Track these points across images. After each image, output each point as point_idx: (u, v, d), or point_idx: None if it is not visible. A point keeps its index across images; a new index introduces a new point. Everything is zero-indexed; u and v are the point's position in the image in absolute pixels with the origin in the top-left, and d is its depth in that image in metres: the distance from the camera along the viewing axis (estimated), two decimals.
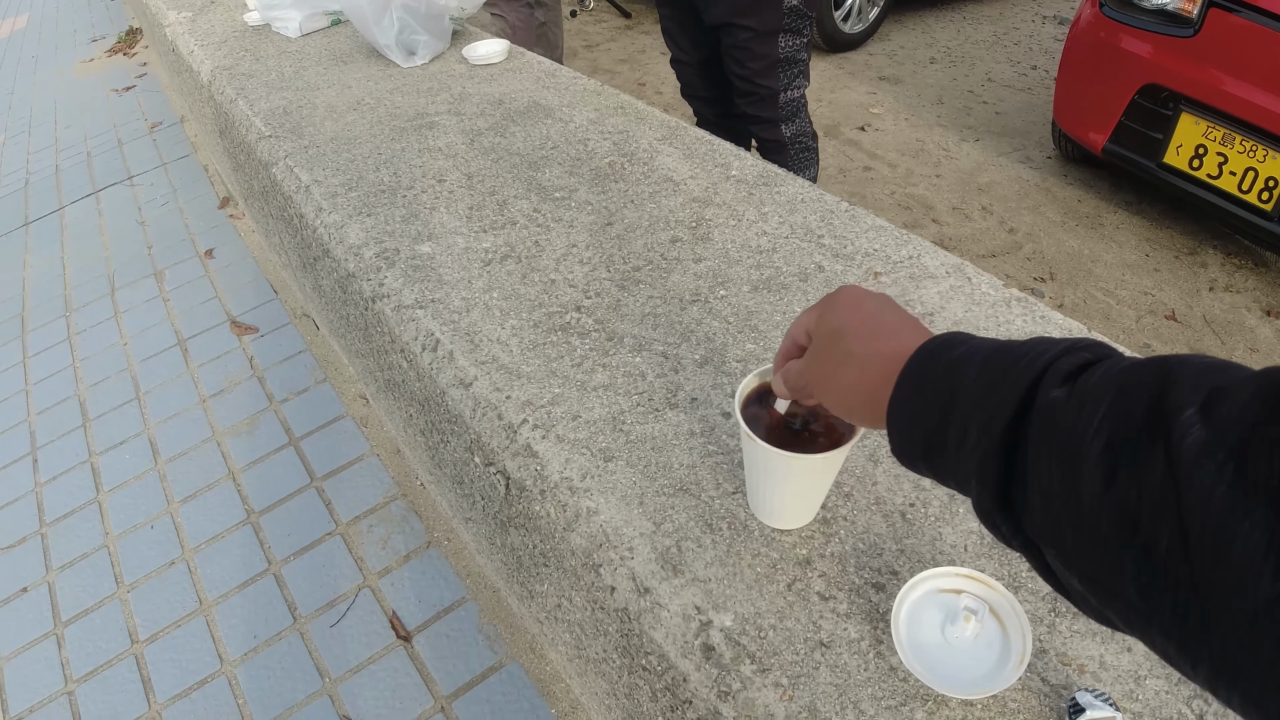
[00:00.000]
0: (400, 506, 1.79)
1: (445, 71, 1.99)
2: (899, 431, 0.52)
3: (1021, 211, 3.11)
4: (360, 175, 1.56)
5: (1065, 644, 0.79)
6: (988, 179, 3.32)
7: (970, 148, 3.55)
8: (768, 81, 2.13)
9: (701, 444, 0.95)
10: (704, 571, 0.83)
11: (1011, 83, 4.15)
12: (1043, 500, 0.41)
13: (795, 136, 2.24)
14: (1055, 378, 0.43)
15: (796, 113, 2.22)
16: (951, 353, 0.50)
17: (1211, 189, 2.69)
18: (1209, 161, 2.67)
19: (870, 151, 3.52)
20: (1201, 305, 2.69)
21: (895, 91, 4.08)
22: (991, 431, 0.44)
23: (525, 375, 1.05)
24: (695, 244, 1.26)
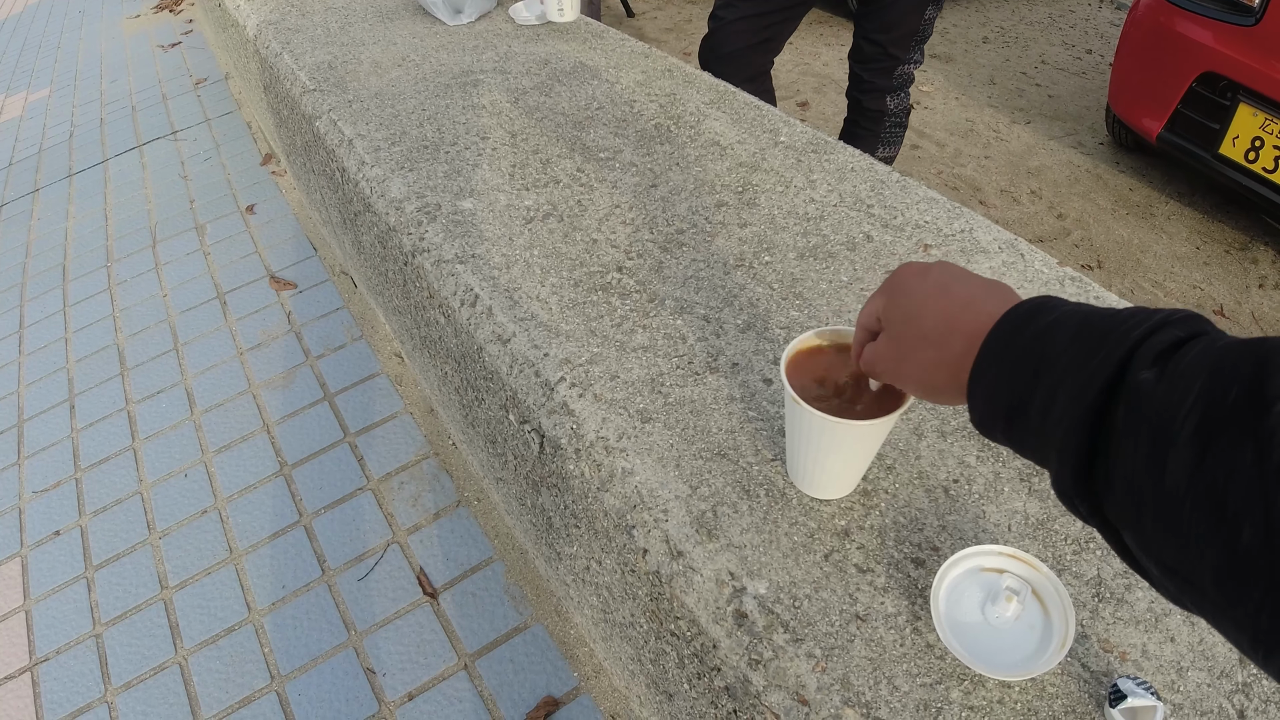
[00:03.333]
0: (432, 465, 1.79)
1: (491, 30, 1.97)
2: (982, 398, 0.51)
3: (1071, 197, 3.04)
4: (404, 130, 1.55)
5: (1108, 630, 0.77)
6: (1038, 163, 3.25)
7: (1021, 130, 3.47)
8: (898, 51, 2.12)
9: (741, 409, 0.93)
10: (739, 538, 0.81)
11: (1066, 66, 4.05)
12: (1125, 483, 0.40)
13: (896, 109, 2.24)
14: (1147, 355, 0.41)
15: (904, 86, 2.22)
16: (1040, 319, 0.48)
17: (1267, 183, 2.61)
18: (1265, 155, 2.59)
19: (918, 130, 3.45)
20: (1250, 302, 2.62)
21: (946, 70, 3.99)
22: (1078, 405, 0.43)
23: (564, 333, 1.04)
24: (741, 209, 1.24)
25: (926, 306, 0.57)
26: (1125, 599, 0.79)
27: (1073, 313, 0.47)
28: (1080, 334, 0.45)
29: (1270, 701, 0.72)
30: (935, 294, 0.57)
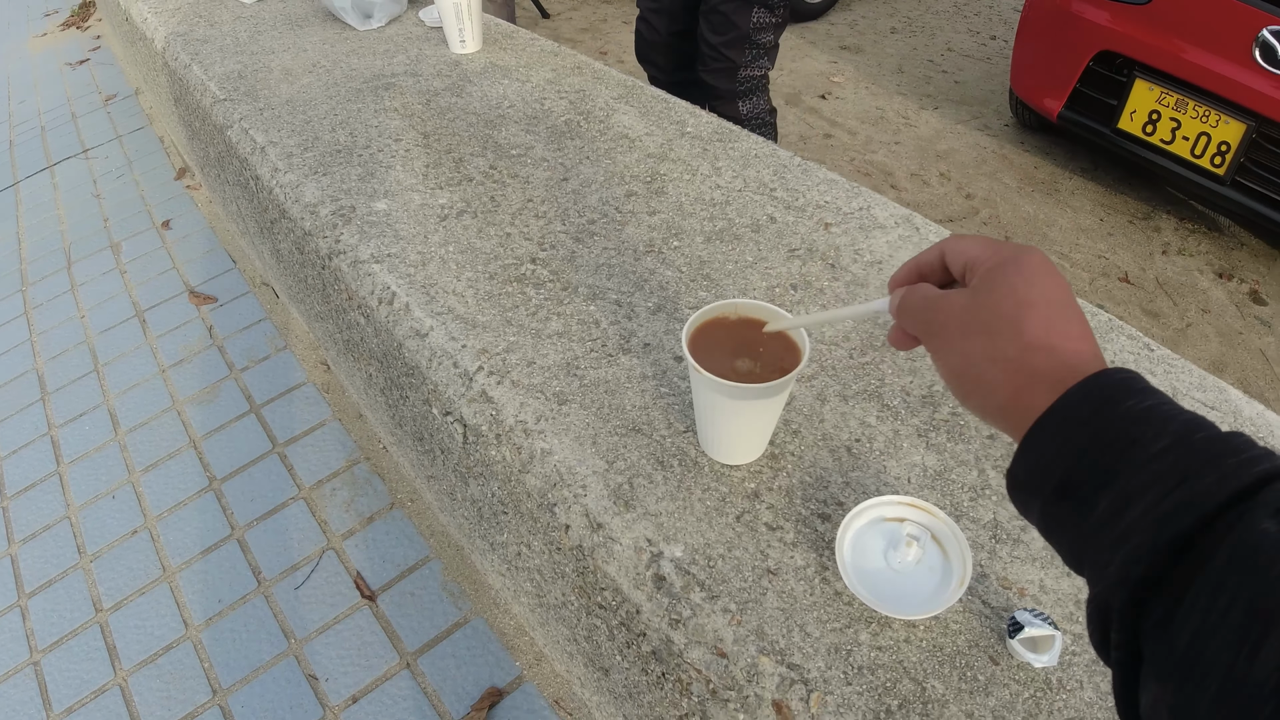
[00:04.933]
0: (363, 469, 1.79)
1: (402, 34, 1.98)
2: (1036, 458, 0.43)
3: (979, 178, 3.15)
4: (316, 136, 1.55)
5: (1006, 569, 0.82)
6: (946, 146, 3.36)
7: (929, 116, 3.58)
8: (733, 54, 2.14)
9: (654, 386, 0.96)
10: (655, 506, 0.85)
11: (971, 52, 4.19)
12: (1192, 642, 0.33)
13: (751, 114, 2.26)
14: (1270, 503, 0.34)
15: (754, 90, 2.24)
16: (1137, 400, 0.41)
17: (1165, 154, 2.74)
18: (1162, 127, 2.72)
19: (831, 119, 3.54)
20: (1154, 268, 2.75)
21: (856, 60, 4.10)
22: (1166, 527, 0.36)
23: (481, 324, 1.06)
24: (650, 198, 1.28)
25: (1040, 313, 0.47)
26: (1021, 539, 0.84)
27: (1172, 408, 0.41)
28: (1185, 441, 0.38)
29: None
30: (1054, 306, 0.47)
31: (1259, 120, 2.50)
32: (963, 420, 0.94)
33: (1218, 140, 2.60)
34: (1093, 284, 2.66)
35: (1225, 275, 2.75)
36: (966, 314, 0.49)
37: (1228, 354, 2.46)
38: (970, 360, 0.48)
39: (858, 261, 1.14)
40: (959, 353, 0.49)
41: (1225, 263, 2.81)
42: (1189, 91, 2.62)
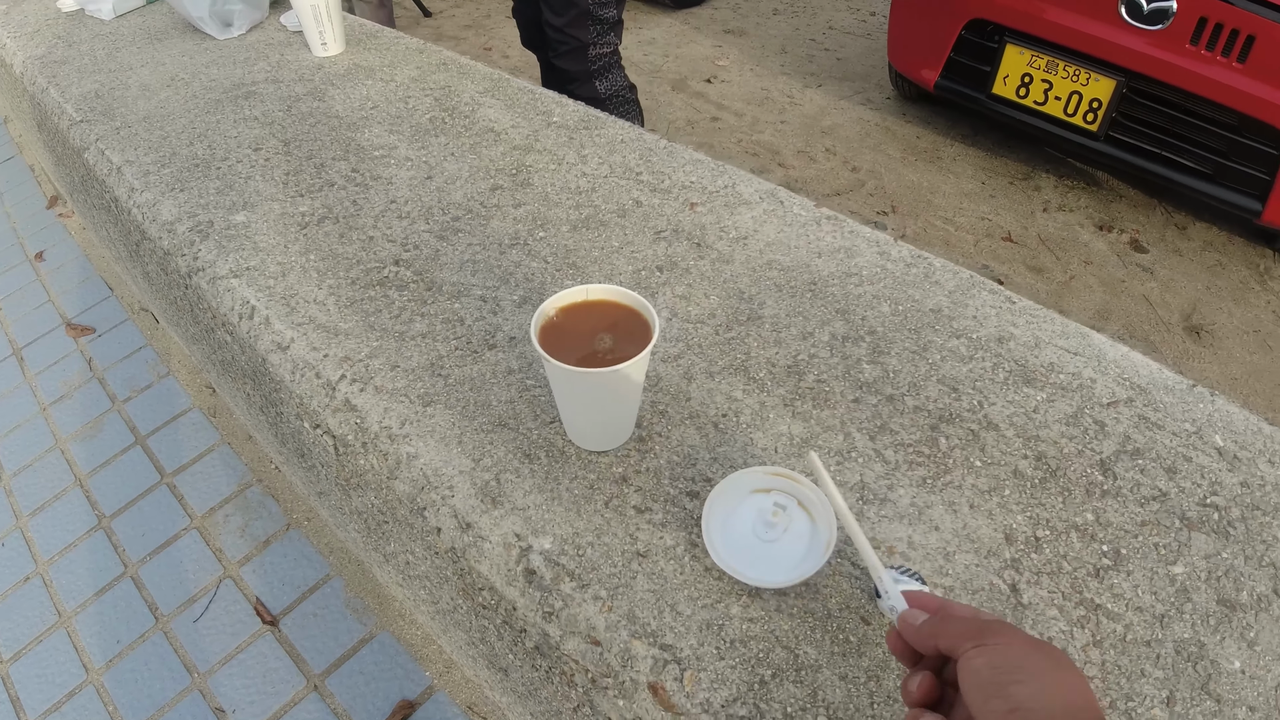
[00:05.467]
0: (256, 492, 1.74)
1: (263, 40, 1.92)
2: None
3: (864, 150, 3.20)
4: (174, 151, 1.50)
5: (873, 529, 0.83)
6: (831, 122, 3.40)
7: (814, 93, 3.63)
8: (577, 33, 2.12)
9: (520, 380, 0.95)
10: (523, 500, 0.84)
11: (852, 29, 4.26)
12: None
13: (612, 92, 2.25)
14: None
15: (610, 67, 2.23)
16: None
17: (1040, 115, 2.81)
18: (1035, 89, 2.79)
19: (717, 102, 3.56)
20: (1036, 226, 2.83)
21: (740, 43, 4.13)
22: None
23: (343, 332, 1.04)
24: (515, 190, 1.26)
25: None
26: (889, 498, 0.85)
27: None
28: None
29: (1042, 573, 0.80)
30: None
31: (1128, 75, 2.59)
32: (827, 387, 0.95)
33: (1089, 98, 2.68)
34: (977, 245, 2.72)
35: (1105, 227, 2.85)
36: (1025, 635, 0.52)
37: (1112, 302, 2.54)
38: (1029, 660, 0.50)
39: (723, 239, 1.15)
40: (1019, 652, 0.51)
41: (1105, 215, 2.91)
42: (1059, 53, 2.70)
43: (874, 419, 0.93)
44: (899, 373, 0.98)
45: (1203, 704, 0.71)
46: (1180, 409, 0.96)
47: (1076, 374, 1.01)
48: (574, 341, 0.80)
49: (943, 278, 1.13)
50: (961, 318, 1.06)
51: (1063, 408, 0.96)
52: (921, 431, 0.91)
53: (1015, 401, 0.96)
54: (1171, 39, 2.50)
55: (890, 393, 0.96)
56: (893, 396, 0.95)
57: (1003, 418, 0.94)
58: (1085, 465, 0.90)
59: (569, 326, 0.81)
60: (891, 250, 1.16)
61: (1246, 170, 2.54)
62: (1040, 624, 0.76)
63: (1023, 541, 0.83)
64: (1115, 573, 0.80)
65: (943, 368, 0.99)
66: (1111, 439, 0.93)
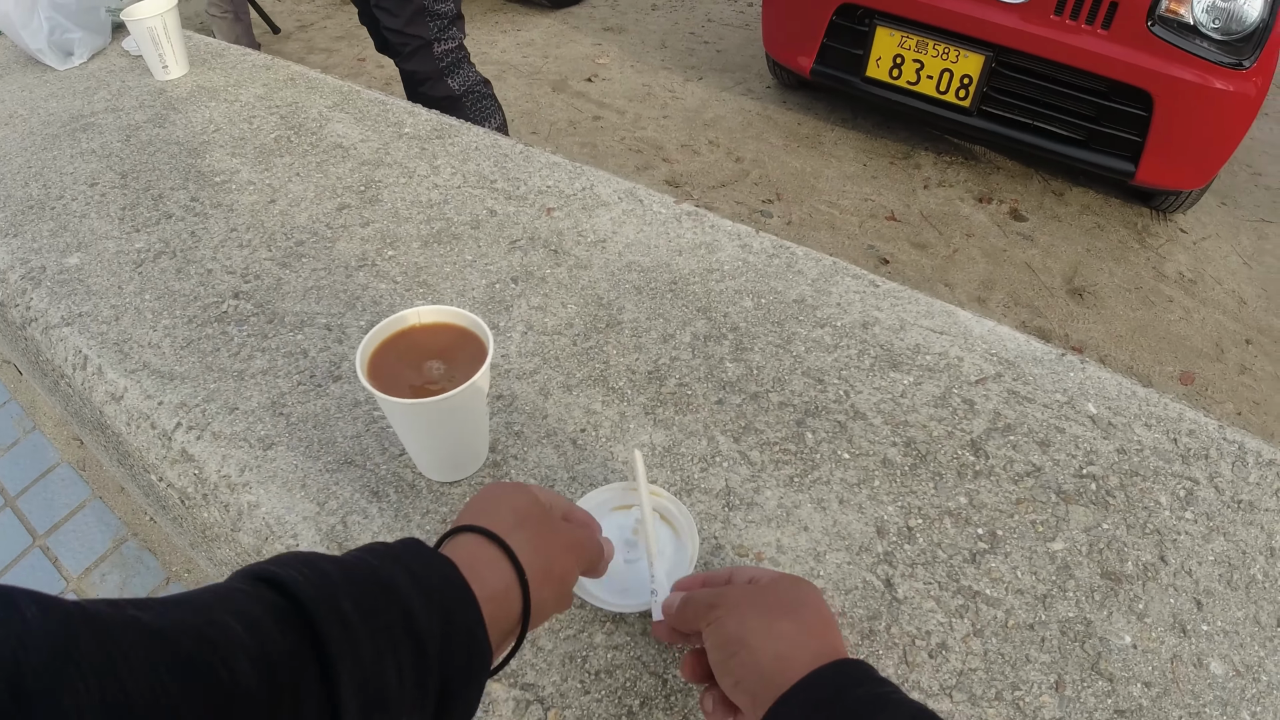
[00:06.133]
0: (132, 547, 1.65)
1: (105, 68, 1.82)
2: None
3: (746, 140, 3.21)
4: (8, 194, 1.39)
5: (740, 536, 0.80)
6: (713, 114, 3.40)
7: (695, 87, 3.62)
8: (418, 30, 2.06)
9: (366, 412, 0.90)
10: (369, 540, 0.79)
11: (730, 21, 4.27)
12: None
13: (466, 88, 2.19)
14: None
15: (459, 63, 2.17)
16: (871, 686, 0.50)
17: (914, 95, 2.86)
18: (907, 69, 2.83)
19: (599, 101, 3.53)
20: (918, 203, 2.87)
21: (620, 40, 4.10)
22: None
23: (179, 376, 0.97)
24: (363, 208, 1.21)
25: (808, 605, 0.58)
26: (755, 501, 0.83)
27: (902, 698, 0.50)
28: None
29: (916, 564, 0.78)
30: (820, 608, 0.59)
31: (996, 50, 2.64)
32: (690, 390, 0.93)
33: (960, 74, 2.73)
34: (862, 226, 2.75)
35: (985, 199, 2.91)
36: (752, 594, 0.59)
37: (995, 271, 2.60)
38: (745, 628, 0.56)
39: (580, 244, 1.11)
40: (737, 620, 0.57)
41: (984, 187, 2.97)
42: (927, 32, 2.74)
43: (738, 419, 0.90)
44: (762, 369, 0.96)
45: (1094, 684, 0.70)
46: (1050, 380, 0.96)
47: (943, 353, 1.00)
48: (404, 371, 0.75)
49: (805, 266, 1.11)
50: (825, 306, 1.05)
51: (930, 390, 0.96)
52: (787, 428, 0.89)
53: (882, 388, 0.95)
54: (1036, 11, 2.56)
55: (754, 390, 0.94)
56: (757, 394, 0.93)
57: (870, 405, 0.93)
58: (956, 447, 0.89)
59: (398, 355, 0.77)
60: (753, 242, 1.14)
61: (1118, 134, 2.61)
62: (918, 618, 0.74)
63: (895, 533, 0.81)
64: (992, 555, 0.79)
65: (807, 359, 0.97)
66: (981, 417, 0.93)
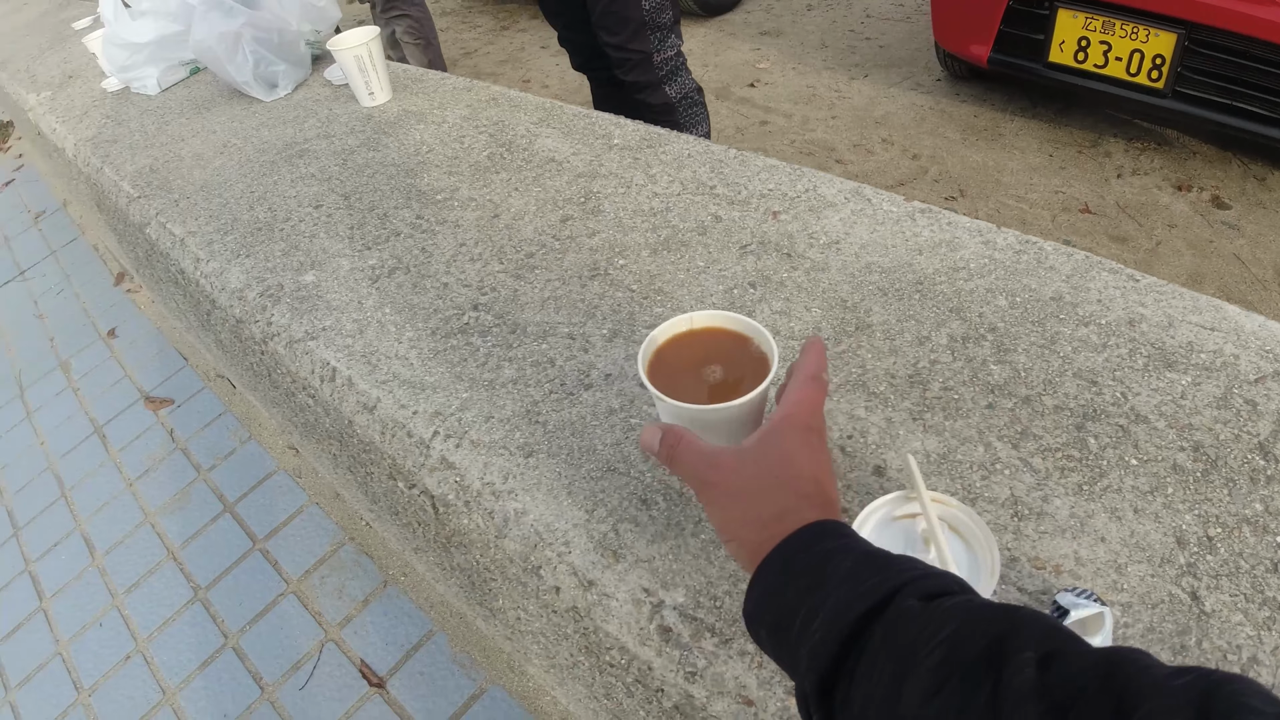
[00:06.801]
0: (350, 551, 1.71)
1: (310, 98, 1.91)
2: (756, 596, 0.53)
3: (921, 136, 3.10)
4: (235, 217, 1.48)
5: (1034, 547, 0.75)
6: (883, 111, 3.31)
7: (861, 85, 3.53)
8: (639, 45, 2.08)
9: (623, 419, 0.89)
10: (646, 550, 0.78)
11: (890, 15, 4.15)
12: (864, 699, 0.42)
13: (682, 95, 2.20)
14: (916, 590, 0.45)
15: (676, 71, 2.18)
16: (829, 542, 0.52)
17: (1102, 78, 2.69)
18: (1094, 52, 2.67)
19: (764, 106, 3.48)
20: (1113, 193, 2.70)
21: (778, 44, 4.05)
22: (841, 619, 0.45)
23: (430, 386, 0.99)
24: (587, 218, 1.21)
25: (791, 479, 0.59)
26: (1044, 511, 0.78)
27: (857, 545, 0.51)
28: (862, 561, 0.49)
29: (1220, 575, 0.72)
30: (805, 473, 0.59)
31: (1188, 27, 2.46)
32: (956, 394, 0.88)
33: (1151, 55, 2.56)
34: (1055, 220, 2.61)
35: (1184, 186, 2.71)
36: (733, 478, 0.60)
37: (1203, 265, 2.41)
38: (730, 519, 0.59)
39: (814, 246, 1.08)
40: (723, 511, 0.60)
41: (1181, 174, 2.77)
42: (1113, 12, 2.58)
43: (1013, 425, 0.85)
44: (1030, 371, 0.90)
45: None
46: None
47: (1218, 351, 0.92)
48: (682, 376, 0.74)
49: (1056, 262, 1.04)
50: (1085, 303, 0.98)
51: (1210, 390, 0.88)
52: (1067, 433, 0.83)
53: (1160, 389, 0.88)
54: None
55: (1025, 394, 0.88)
56: (1028, 398, 0.88)
57: (1150, 408, 0.86)
58: (1244, 450, 0.82)
59: (675, 360, 0.75)
60: (996, 238, 1.08)
61: None
62: (1227, 632, 0.68)
63: (1195, 543, 0.75)
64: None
65: (1076, 360, 0.91)
66: (1266, 418, 0.84)
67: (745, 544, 0.57)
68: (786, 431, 0.61)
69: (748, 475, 0.60)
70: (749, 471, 0.60)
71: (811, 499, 0.57)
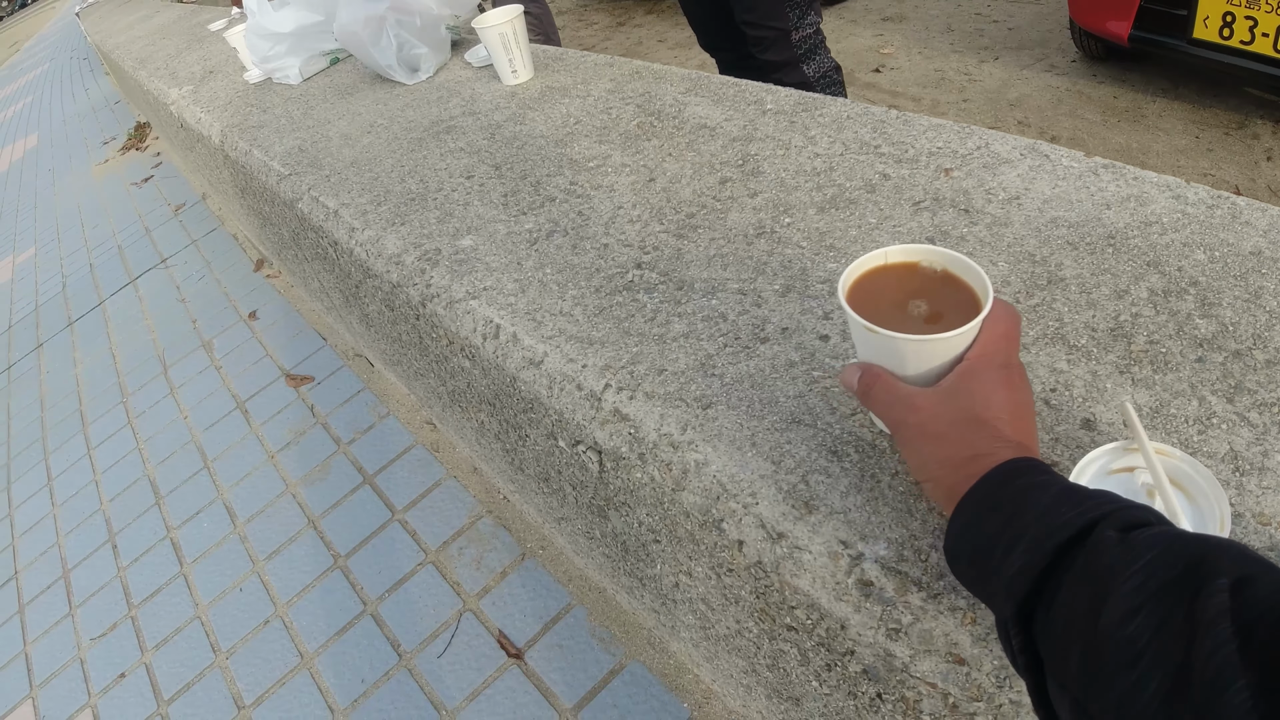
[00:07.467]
0: (488, 523, 1.72)
1: (452, 79, 1.94)
2: (956, 533, 0.55)
3: (1060, 119, 2.97)
4: (387, 189, 1.51)
5: (1259, 503, 0.69)
6: (1017, 94, 3.18)
7: (991, 67, 3.41)
8: (777, 22, 2.04)
9: (805, 371, 0.86)
10: (841, 502, 0.74)
11: None
12: (1064, 620, 0.44)
13: (820, 74, 2.15)
14: (1114, 522, 0.46)
15: (815, 49, 2.13)
16: (1026, 477, 0.53)
17: (1248, 55, 2.53)
18: (1239, 28, 2.52)
19: (891, 91, 3.40)
20: (1264, 175, 2.54)
21: (902, 29, 3.95)
22: (1041, 548, 0.47)
23: (598, 340, 0.98)
24: (746, 180, 1.18)
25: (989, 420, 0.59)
26: (1266, 466, 0.71)
27: (1056, 480, 0.52)
28: (1060, 496, 0.50)
29: None
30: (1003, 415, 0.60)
31: None
32: (1163, 348, 0.82)
33: None
34: None
35: None
36: (930, 421, 0.61)
37: None
38: (925, 460, 0.61)
39: (993, 201, 1.03)
40: (918, 452, 0.62)
41: None
42: None
43: (1225, 379, 0.78)
44: (1238, 325, 0.83)
45: None
46: None
47: None
48: (884, 308, 0.69)
49: (1252, 217, 0.97)
50: None
51: None
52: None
53: None
54: None
55: (1235, 348, 0.81)
56: (1239, 352, 0.81)
57: None
58: None
59: (874, 291, 0.71)
60: (1187, 194, 1.01)
61: None
62: None
63: None
64: None
65: None
66: None
67: (941, 483, 0.59)
68: (984, 371, 0.62)
69: (945, 419, 0.60)
70: (945, 414, 0.60)
71: (1009, 441, 0.58)
